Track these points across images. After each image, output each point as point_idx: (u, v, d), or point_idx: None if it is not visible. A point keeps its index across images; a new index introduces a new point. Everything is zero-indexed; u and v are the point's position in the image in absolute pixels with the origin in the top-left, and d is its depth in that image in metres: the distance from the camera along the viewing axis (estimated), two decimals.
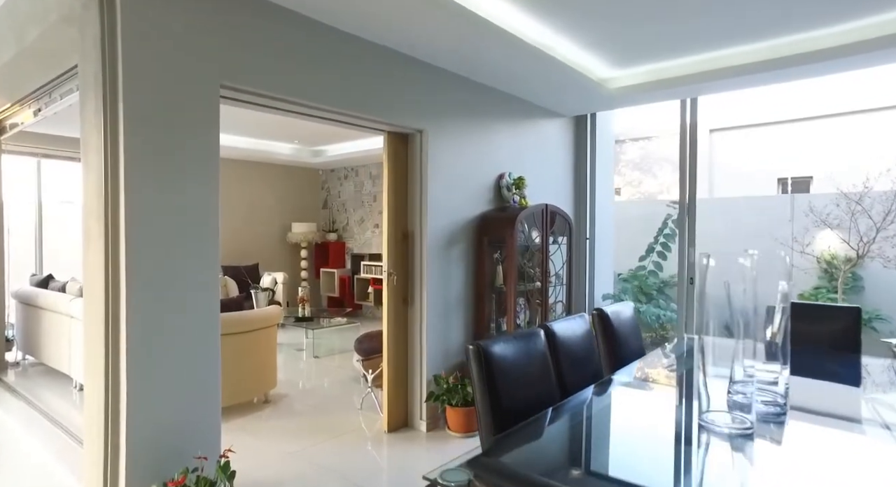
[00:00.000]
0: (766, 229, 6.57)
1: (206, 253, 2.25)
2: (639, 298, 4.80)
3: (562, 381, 1.85)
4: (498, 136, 3.91)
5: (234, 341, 3.49)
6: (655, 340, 5.07)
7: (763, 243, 6.53)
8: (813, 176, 8.76)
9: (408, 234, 3.40)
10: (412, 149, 3.38)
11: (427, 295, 3.33)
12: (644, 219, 6.64)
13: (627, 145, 10.98)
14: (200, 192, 2.23)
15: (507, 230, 3.52)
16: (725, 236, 6.54)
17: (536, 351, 1.75)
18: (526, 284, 3.78)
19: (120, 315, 1.99)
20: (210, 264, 2.27)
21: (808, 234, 5.95)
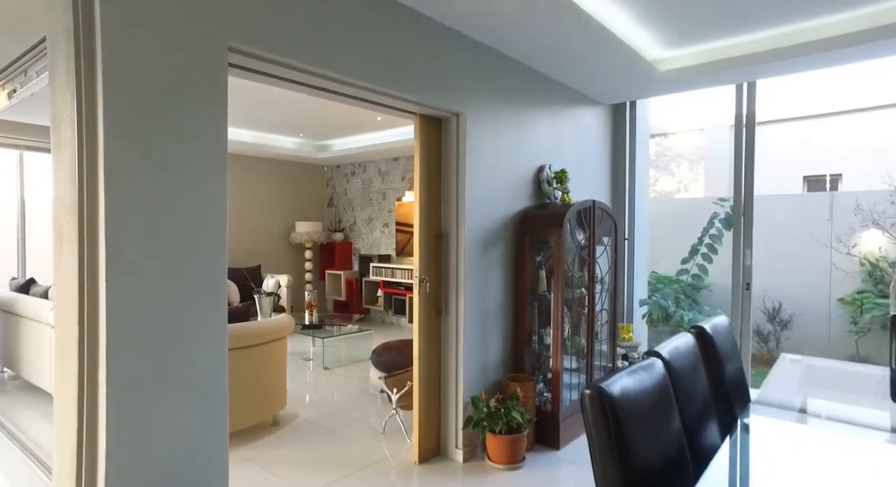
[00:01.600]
0: (802, 228, 6.16)
1: (211, 255, 1.80)
2: (680, 305, 4.39)
3: (685, 423, 1.42)
4: (537, 125, 3.47)
5: (240, 357, 3.04)
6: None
7: (802, 243, 6.12)
8: (842, 173, 8.38)
9: (441, 235, 2.95)
10: (447, 135, 2.93)
11: (464, 304, 2.88)
12: (674, 218, 6.22)
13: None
14: (202, 183, 1.77)
15: (553, 230, 3.08)
16: (760, 236, 6.13)
17: (658, 389, 1.31)
18: (569, 291, 3.34)
19: (98, 329, 1.54)
20: (215, 268, 1.82)
21: (854, 234, 5.54)
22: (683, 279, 4.46)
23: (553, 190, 3.50)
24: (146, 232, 1.62)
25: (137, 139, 1.59)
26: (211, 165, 1.79)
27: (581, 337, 3.39)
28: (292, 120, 5.84)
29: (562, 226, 3.02)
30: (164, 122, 1.65)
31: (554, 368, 3.07)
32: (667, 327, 4.41)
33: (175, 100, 1.68)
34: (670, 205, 8.25)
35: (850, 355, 5.78)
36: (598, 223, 3.39)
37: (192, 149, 1.74)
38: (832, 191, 8.18)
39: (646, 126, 4.72)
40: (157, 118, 1.64)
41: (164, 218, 1.66)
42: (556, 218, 3.09)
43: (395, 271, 6.59)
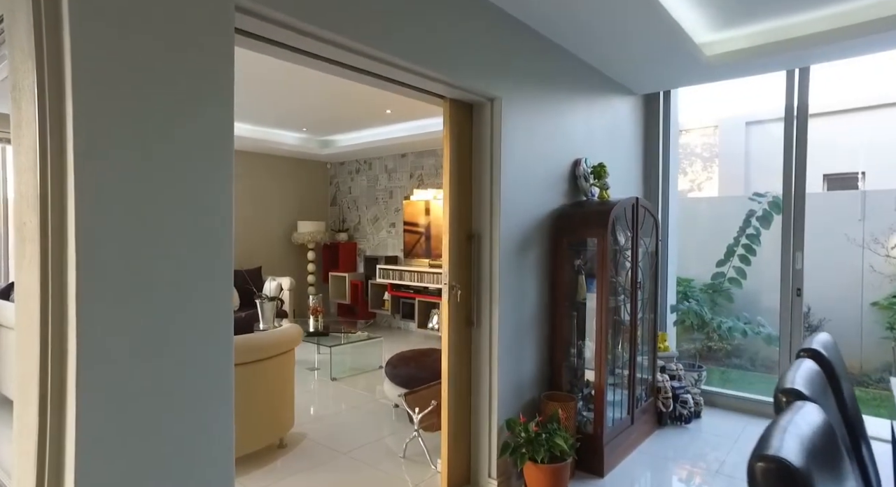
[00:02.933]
0: (829, 229, 5.85)
1: (212, 256, 1.46)
2: (716, 311, 4.07)
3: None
4: (572, 114, 3.13)
5: (244, 374, 2.69)
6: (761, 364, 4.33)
7: (830, 244, 5.81)
8: (865, 172, 8.08)
9: (473, 236, 2.61)
10: (480, 123, 2.59)
11: (498, 314, 2.54)
12: (698, 218, 5.89)
13: None
14: (204, 171, 1.42)
15: (595, 230, 2.75)
16: (775, 237, 5.83)
17: (826, 443, 0.98)
18: (611, 298, 3.00)
19: (67, 345, 1.19)
20: (219, 272, 1.47)
21: (894, 235, 5.23)
22: (718, 283, 4.15)
23: (590, 186, 3.17)
24: (130, 230, 1.28)
25: (117, 116, 1.24)
26: (215, 151, 1.44)
27: (622, 348, 3.06)
28: (295, 113, 5.49)
29: (606, 227, 2.69)
30: (152, 98, 1.31)
31: (597, 385, 2.73)
32: (700, 334, 4.09)
33: (167, 69, 1.33)
34: (692, 205, 7.94)
35: (885, 363, 5.48)
36: (640, 223, 3.06)
37: (190, 131, 1.39)
38: (854, 189, 7.88)
39: (676, 119, 4.39)
40: (144, 92, 1.29)
41: (153, 213, 1.32)
42: (600, 217, 2.75)
43: (403, 273, 6.25)
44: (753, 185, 9.88)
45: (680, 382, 3.46)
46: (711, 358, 4.41)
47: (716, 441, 3.13)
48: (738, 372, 4.50)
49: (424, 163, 6.53)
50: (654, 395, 3.30)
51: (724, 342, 4.12)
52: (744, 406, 3.59)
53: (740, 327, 3.94)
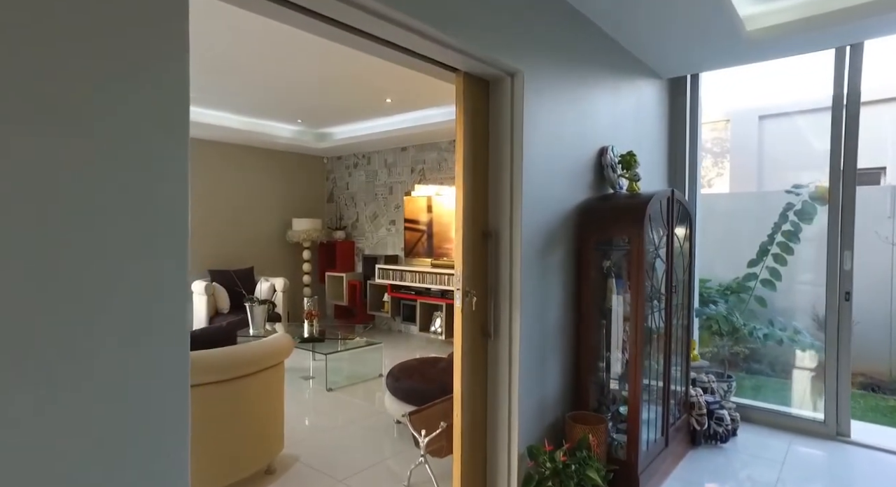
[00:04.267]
0: (859, 226, 5.52)
1: (156, 246, 1.10)
2: (745, 315, 3.73)
3: None
4: (598, 97, 2.78)
5: (224, 392, 2.34)
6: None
7: (863, 242, 5.47)
8: (886, 166, 7.75)
9: (490, 235, 2.25)
10: (497, 102, 2.24)
11: (519, 324, 2.19)
12: (718, 215, 5.55)
13: None
14: (148, 142, 1.06)
15: (629, 227, 2.39)
16: (815, 234, 5.49)
17: None
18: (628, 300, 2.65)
19: None
20: (168, 269, 1.11)
21: None
22: (751, 285, 3.81)
23: (618, 177, 2.81)
24: (20, 211, 0.92)
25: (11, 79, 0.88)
26: (165, 115, 1.08)
27: (654, 359, 2.71)
28: (289, 103, 5.12)
29: (642, 223, 2.33)
30: (75, 54, 0.95)
31: (632, 404, 2.38)
32: (729, 341, 3.76)
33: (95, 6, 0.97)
34: (710, 201, 7.60)
35: None
36: (675, 219, 2.71)
37: (130, 89, 1.03)
38: (875, 185, 7.54)
39: (701, 107, 4.04)
40: (53, 32, 0.93)
41: (68, 192, 0.96)
42: (634, 212, 2.40)
43: (403, 274, 5.89)
44: (767, 181, 9.55)
45: (713, 396, 3.12)
46: (718, 356, 4.08)
47: (759, 464, 2.78)
48: (765, 380, 4.17)
49: (426, 157, 6.17)
50: (686, 412, 2.95)
51: (741, 345, 3.80)
52: (784, 423, 3.24)
53: (777, 334, 3.61)
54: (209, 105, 5.19)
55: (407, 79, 4.35)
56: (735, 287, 3.95)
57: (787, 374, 3.92)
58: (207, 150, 6.00)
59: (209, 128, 5.49)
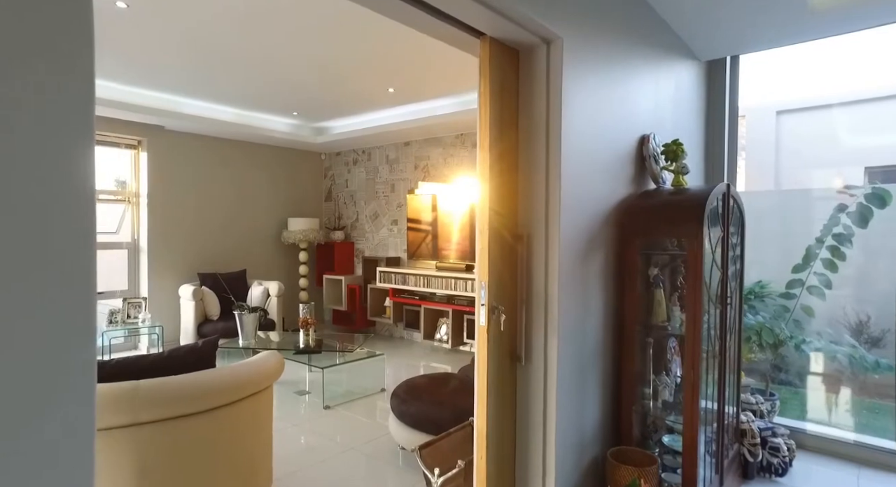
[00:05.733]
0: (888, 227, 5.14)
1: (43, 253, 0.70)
2: (790, 326, 3.36)
3: None
4: (639, 77, 2.39)
5: (200, 425, 1.95)
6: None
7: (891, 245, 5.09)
8: None
9: (521, 238, 1.87)
10: (530, 76, 1.85)
11: (557, 346, 1.80)
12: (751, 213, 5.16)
13: None
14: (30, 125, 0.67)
15: (684, 228, 2.01)
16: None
17: None
18: (680, 314, 2.26)
19: None
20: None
21: None
22: (795, 293, 3.42)
23: (661, 170, 2.43)
24: None
25: None
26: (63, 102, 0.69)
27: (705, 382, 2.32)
28: (284, 94, 4.73)
29: (700, 223, 1.95)
30: None
31: (688, 440, 1.99)
32: (772, 356, 3.38)
33: None
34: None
35: None
36: (730, 218, 2.33)
37: None
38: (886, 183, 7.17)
39: (736, 94, 3.65)
40: None
41: None
42: (690, 210, 2.01)
43: (406, 277, 5.50)
44: (784, 179, 9.18)
45: (765, 420, 2.74)
46: (755, 371, 3.70)
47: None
48: (796, 394, 3.79)
49: (431, 152, 5.78)
50: (737, 441, 2.57)
51: (766, 352, 3.43)
52: (846, 452, 2.85)
53: (831, 349, 3.23)
54: (195, 95, 4.80)
55: (411, 66, 3.97)
56: (775, 293, 3.57)
57: (801, 381, 3.54)
58: (195, 145, 5.60)
59: (195, 120, 5.09)
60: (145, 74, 4.20)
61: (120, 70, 4.09)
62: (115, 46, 3.57)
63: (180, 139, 5.46)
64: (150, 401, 1.81)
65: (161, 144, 5.30)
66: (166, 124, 5.19)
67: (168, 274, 5.35)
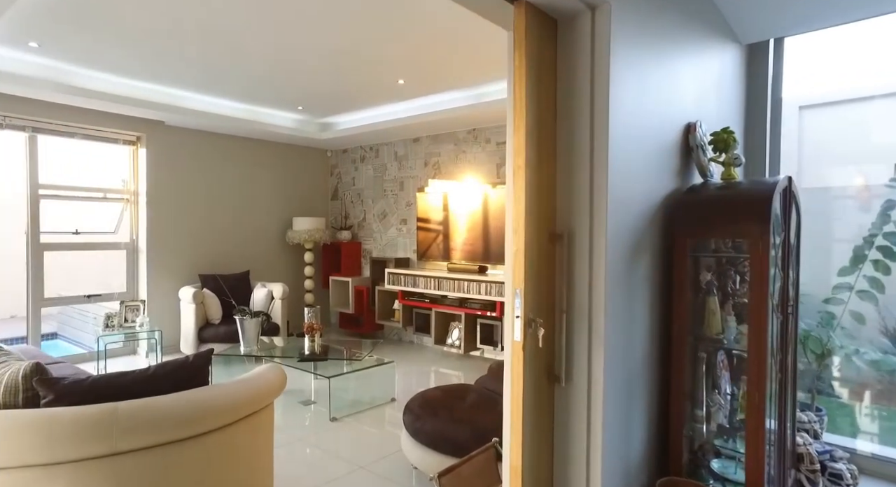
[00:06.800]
0: None
1: None
2: (835, 334, 3.09)
3: None
4: (685, 57, 2.13)
5: (191, 452, 1.70)
6: None
7: None
8: None
9: (560, 238, 1.61)
10: (571, 49, 1.59)
11: (603, 363, 1.54)
12: None
13: None
14: None
15: (744, 227, 1.74)
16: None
17: None
18: (735, 324, 1.99)
19: None
20: None
21: None
22: (843, 297, 3.15)
23: (709, 161, 2.16)
24: None
25: None
26: None
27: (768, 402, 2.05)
28: (288, 87, 4.49)
29: (766, 221, 1.68)
30: None
31: (751, 469, 1.72)
32: (817, 366, 3.10)
33: None
34: None
35: None
36: (792, 216, 2.05)
37: None
38: None
39: (780, 84, 3.37)
40: None
41: None
42: (752, 206, 1.74)
43: (416, 279, 5.25)
44: (808, 175, 8.80)
45: (821, 442, 2.46)
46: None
47: None
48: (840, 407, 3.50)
49: (442, 148, 5.53)
50: (794, 466, 2.29)
51: (812, 362, 3.15)
52: None
53: (891, 361, 2.95)
54: (197, 88, 4.57)
55: (423, 56, 3.71)
56: (818, 298, 3.28)
57: (887, 403, 3.25)
58: (196, 141, 5.37)
59: (197, 115, 4.86)
60: (144, 66, 3.97)
61: (117, 62, 3.86)
62: (112, 36, 3.34)
63: (181, 135, 5.23)
64: (131, 426, 1.57)
65: (161, 140, 5.08)
66: (166, 119, 4.97)
67: (168, 276, 5.13)
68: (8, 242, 5.12)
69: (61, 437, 1.49)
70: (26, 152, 4.45)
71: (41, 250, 4.53)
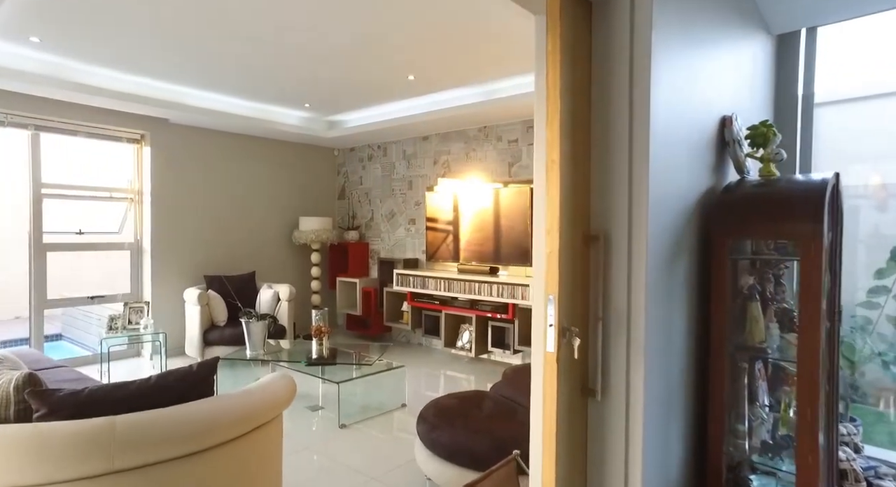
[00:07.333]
0: None
1: None
2: (873, 343, 2.94)
3: None
4: (722, 46, 1.99)
5: (194, 469, 1.58)
6: None
7: None
8: None
9: (595, 239, 1.48)
10: (609, 32, 1.46)
11: (643, 375, 1.41)
12: None
13: None
14: None
15: (793, 226, 1.60)
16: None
17: None
18: (779, 332, 1.85)
19: None
20: None
21: None
22: (880, 302, 3.00)
23: (745, 157, 2.02)
24: None
25: None
26: None
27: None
28: (295, 83, 4.37)
29: (820, 221, 1.54)
30: None
31: None
32: (850, 373, 2.96)
33: None
34: None
35: None
36: (840, 216, 1.91)
37: None
38: None
39: (812, 75, 3.22)
40: None
41: None
42: (802, 205, 1.60)
43: (426, 280, 5.13)
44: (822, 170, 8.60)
45: (863, 456, 2.31)
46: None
47: None
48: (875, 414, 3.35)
49: (452, 147, 5.40)
50: (838, 484, 2.15)
51: (847, 370, 3.01)
52: None
53: None
54: (202, 85, 4.46)
55: (434, 51, 3.59)
56: (850, 302, 3.13)
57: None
58: (201, 140, 5.27)
59: (202, 112, 4.76)
60: (148, 62, 3.87)
61: (120, 57, 3.76)
62: (115, 30, 3.23)
63: (186, 133, 5.13)
64: (130, 442, 1.45)
65: (165, 138, 4.98)
66: (171, 117, 4.87)
67: (172, 277, 5.03)
68: (10, 242, 5.04)
69: (54, 454, 1.37)
70: (29, 151, 4.36)
71: (44, 251, 4.43)
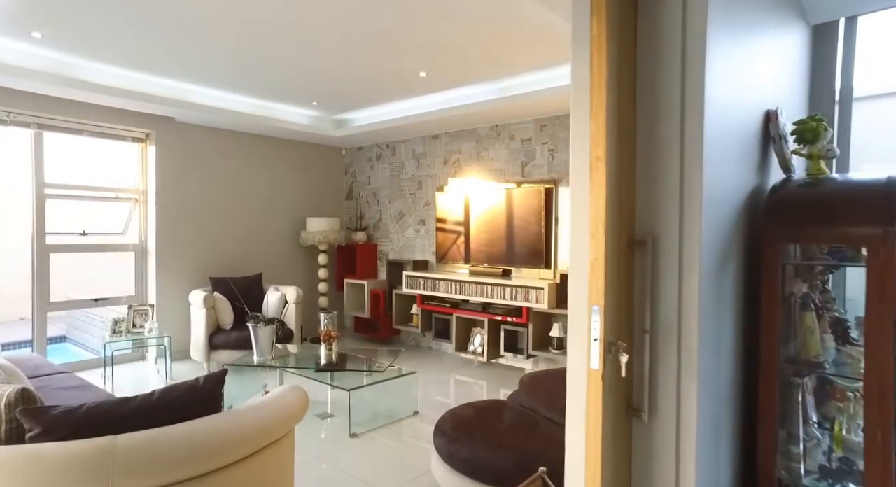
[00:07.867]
0: None
1: None
2: None
3: None
4: (763, 36, 1.85)
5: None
6: None
7: None
8: None
9: (641, 244, 1.34)
10: (658, 18, 1.33)
11: (696, 395, 1.28)
12: None
13: None
14: None
15: (860, 229, 1.46)
16: None
17: None
18: (834, 344, 1.71)
19: None
20: None
21: None
22: None
23: (791, 154, 1.88)
24: None
25: None
26: None
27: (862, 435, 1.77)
28: (302, 80, 4.25)
29: (891, 222, 1.40)
30: None
31: None
32: None
33: None
34: None
35: None
36: None
37: None
38: None
39: (851, 67, 3.06)
40: None
41: None
42: (867, 206, 1.46)
43: (436, 282, 5.00)
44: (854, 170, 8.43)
45: None
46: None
47: None
48: None
49: (462, 146, 5.27)
50: None
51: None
52: None
53: None
54: (208, 83, 4.35)
55: (447, 46, 3.45)
56: None
57: None
58: (207, 139, 5.16)
59: (208, 111, 4.65)
60: (153, 59, 3.76)
61: (125, 54, 3.65)
62: (119, 25, 3.12)
63: (191, 132, 5.02)
64: (131, 465, 1.33)
65: (171, 137, 4.87)
66: (176, 115, 4.76)
67: (177, 279, 4.92)
68: (14, 243, 4.95)
69: (47, 479, 1.25)
70: (32, 150, 4.26)
71: (47, 252, 4.33)
